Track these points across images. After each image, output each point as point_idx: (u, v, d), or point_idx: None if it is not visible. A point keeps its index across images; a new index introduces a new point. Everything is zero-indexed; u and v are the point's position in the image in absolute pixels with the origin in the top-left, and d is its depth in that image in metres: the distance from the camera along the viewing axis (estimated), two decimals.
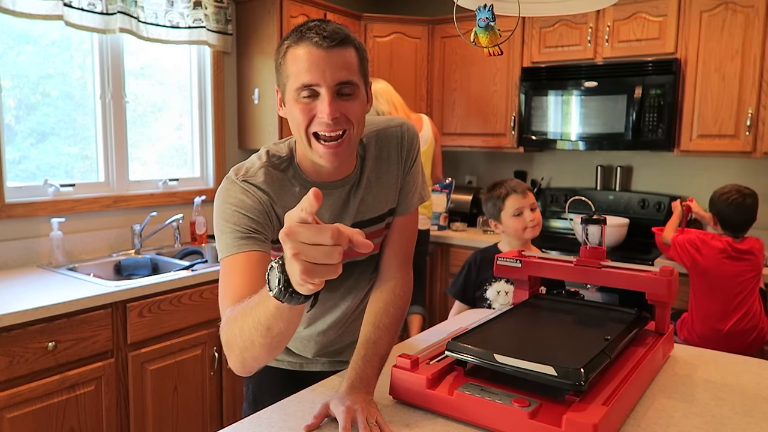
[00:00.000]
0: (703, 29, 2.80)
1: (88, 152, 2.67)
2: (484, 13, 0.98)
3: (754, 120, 2.71)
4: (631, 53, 2.99)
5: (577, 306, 1.42)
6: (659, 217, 3.18)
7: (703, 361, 1.37)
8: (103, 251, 2.65)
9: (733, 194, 2.38)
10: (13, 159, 2.41)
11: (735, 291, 2.35)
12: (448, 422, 1.04)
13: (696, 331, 2.43)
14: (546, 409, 0.98)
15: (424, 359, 1.14)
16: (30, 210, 2.38)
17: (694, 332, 2.44)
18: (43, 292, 2.00)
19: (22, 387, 1.84)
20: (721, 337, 2.35)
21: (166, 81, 2.99)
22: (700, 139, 2.86)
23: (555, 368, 0.97)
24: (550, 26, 3.21)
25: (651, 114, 2.89)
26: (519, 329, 1.27)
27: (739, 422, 1.06)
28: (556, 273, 1.43)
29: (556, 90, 3.17)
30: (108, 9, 2.46)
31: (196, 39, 2.88)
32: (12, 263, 2.36)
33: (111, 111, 2.68)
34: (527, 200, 1.98)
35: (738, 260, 2.36)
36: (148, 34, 2.68)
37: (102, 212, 2.65)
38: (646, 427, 1.04)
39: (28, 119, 2.47)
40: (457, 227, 3.50)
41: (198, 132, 3.12)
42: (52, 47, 2.52)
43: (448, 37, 3.58)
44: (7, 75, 2.37)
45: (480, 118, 3.52)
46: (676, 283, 1.31)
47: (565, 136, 3.17)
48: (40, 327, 1.87)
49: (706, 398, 1.17)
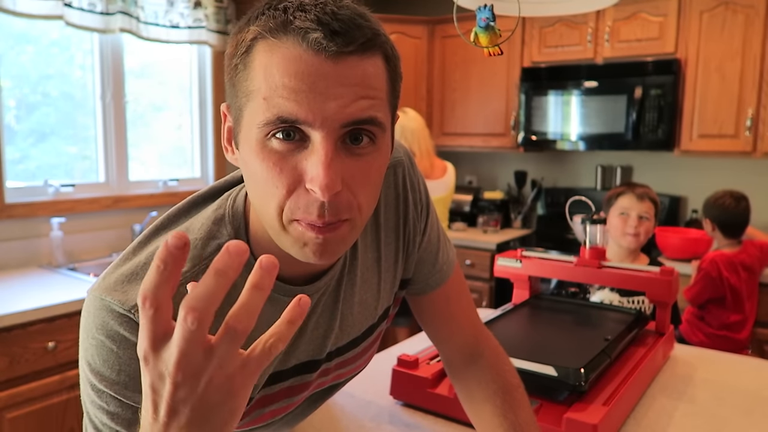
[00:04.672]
0: (703, 29, 2.80)
1: (88, 152, 2.67)
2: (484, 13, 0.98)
3: (754, 120, 2.71)
4: (631, 53, 2.99)
5: (577, 306, 1.43)
6: (659, 218, 3.18)
7: (703, 361, 1.37)
8: (103, 251, 2.65)
9: (727, 200, 2.41)
10: (13, 159, 2.41)
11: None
12: (448, 422, 1.04)
13: None
14: (546, 409, 0.98)
15: (424, 359, 1.14)
16: (30, 210, 2.38)
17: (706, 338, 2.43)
18: (43, 292, 2.00)
19: (22, 387, 1.84)
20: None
21: (166, 81, 2.99)
22: (700, 139, 2.86)
23: (555, 368, 0.97)
24: (550, 26, 3.21)
25: (651, 114, 2.89)
26: (519, 330, 1.27)
27: (739, 422, 1.06)
28: (556, 273, 1.43)
29: (556, 90, 3.16)
30: (108, 9, 2.46)
31: (196, 39, 2.88)
32: (12, 263, 2.36)
33: (111, 111, 2.68)
34: (641, 206, 1.87)
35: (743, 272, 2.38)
36: (148, 34, 2.68)
37: (102, 212, 2.65)
38: (646, 427, 1.04)
39: (28, 119, 2.47)
40: (457, 227, 3.50)
41: (198, 132, 3.12)
42: (52, 47, 2.52)
43: (448, 37, 3.58)
44: (7, 75, 2.37)
45: (480, 118, 3.52)
46: (676, 283, 1.31)
47: (565, 136, 3.17)
48: (40, 327, 1.86)
49: (706, 398, 1.17)
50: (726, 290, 2.32)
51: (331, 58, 0.52)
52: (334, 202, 0.54)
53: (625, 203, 1.88)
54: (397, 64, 0.61)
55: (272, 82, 0.53)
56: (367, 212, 0.59)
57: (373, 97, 0.55)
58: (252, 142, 0.55)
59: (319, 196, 0.53)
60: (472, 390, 0.87)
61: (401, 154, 0.80)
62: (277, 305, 0.64)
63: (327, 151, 0.52)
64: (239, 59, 0.56)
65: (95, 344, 0.57)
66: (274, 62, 0.53)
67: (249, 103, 0.55)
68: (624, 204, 1.88)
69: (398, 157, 0.79)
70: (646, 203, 1.88)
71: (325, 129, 0.53)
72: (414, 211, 0.79)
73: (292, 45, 0.52)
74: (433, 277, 0.85)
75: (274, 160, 0.54)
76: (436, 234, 0.86)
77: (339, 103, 0.53)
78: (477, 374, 0.87)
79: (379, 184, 0.61)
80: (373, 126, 0.55)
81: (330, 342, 0.73)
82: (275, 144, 0.54)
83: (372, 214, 0.73)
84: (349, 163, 0.55)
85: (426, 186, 0.84)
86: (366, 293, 0.76)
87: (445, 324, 0.88)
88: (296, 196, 0.54)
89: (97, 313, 0.58)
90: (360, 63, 0.54)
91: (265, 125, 0.53)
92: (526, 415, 0.83)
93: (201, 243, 0.62)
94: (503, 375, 0.86)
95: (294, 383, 0.73)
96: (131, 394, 0.57)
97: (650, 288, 1.28)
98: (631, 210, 1.86)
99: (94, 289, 0.59)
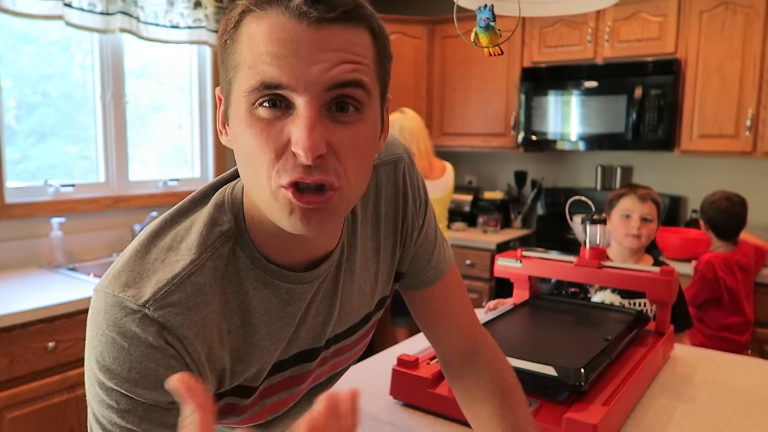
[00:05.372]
0: (703, 29, 2.80)
1: (88, 152, 2.67)
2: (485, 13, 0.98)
3: (754, 120, 2.71)
4: (631, 53, 2.99)
5: (577, 306, 1.43)
6: (661, 218, 3.18)
7: (703, 361, 1.37)
8: (103, 251, 2.65)
9: (722, 202, 2.40)
10: (13, 159, 2.41)
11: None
12: (448, 422, 1.04)
13: None
14: (546, 410, 0.98)
15: (424, 359, 1.14)
16: (30, 210, 2.38)
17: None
18: (43, 292, 2.00)
19: (22, 387, 1.84)
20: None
21: (166, 81, 2.99)
22: (700, 139, 2.86)
23: (555, 368, 0.97)
24: (550, 26, 3.21)
25: (651, 114, 2.89)
26: (519, 330, 1.27)
27: (739, 422, 1.06)
28: (556, 273, 1.43)
29: (556, 90, 3.16)
30: (108, 9, 2.46)
31: (196, 39, 2.88)
32: (12, 263, 2.36)
33: (111, 111, 2.68)
34: (643, 207, 1.85)
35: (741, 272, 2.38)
36: (148, 34, 2.68)
37: (102, 212, 2.65)
38: (646, 427, 1.04)
39: (28, 119, 2.47)
40: (457, 227, 3.50)
41: (198, 132, 3.12)
42: (52, 47, 2.52)
43: (448, 37, 3.58)
44: (7, 75, 2.37)
45: (480, 118, 3.52)
46: (676, 283, 1.31)
47: (565, 136, 3.17)
48: (40, 327, 1.86)
49: (706, 398, 1.17)
50: (722, 291, 2.32)
51: (313, 24, 0.53)
52: (319, 164, 0.54)
53: (627, 205, 1.86)
54: (385, 42, 0.61)
55: (256, 51, 0.54)
56: (355, 184, 0.58)
57: (357, 62, 0.55)
58: (241, 113, 0.56)
59: (303, 159, 0.53)
60: (469, 389, 0.87)
61: (401, 151, 0.80)
62: (278, 291, 0.66)
63: (310, 114, 0.53)
64: (228, 35, 0.57)
65: (105, 341, 0.57)
66: (259, 32, 0.54)
67: (236, 75, 0.56)
68: (626, 206, 1.87)
69: (398, 153, 0.80)
70: (648, 204, 1.87)
71: (309, 93, 0.53)
72: (413, 207, 0.80)
73: (276, 14, 0.54)
74: (427, 273, 0.85)
75: (261, 127, 0.55)
76: (433, 231, 0.86)
77: (322, 67, 0.53)
78: (474, 373, 0.87)
79: (368, 156, 0.60)
80: (358, 89, 0.55)
81: (329, 329, 0.73)
82: (262, 112, 0.55)
83: (373, 204, 0.77)
84: (335, 129, 0.55)
85: (424, 184, 0.85)
86: (364, 282, 0.77)
87: (442, 322, 0.88)
88: (284, 160, 0.55)
89: (108, 310, 0.57)
90: (344, 31, 0.55)
91: (251, 92, 0.54)
92: (525, 416, 0.83)
93: (205, 230, 0.63)
94: (501, 374, 0.86)
95: (294, 372, 0.73)
96: (142, 391, 0.57)
97: (650, 288, 1.28)
98: (633, 212, 1.85)
99: (105, 286, 0.59)
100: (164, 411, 0.59)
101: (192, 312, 0.59)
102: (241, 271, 0.64)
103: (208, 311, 0.61)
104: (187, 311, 0.59)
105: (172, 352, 0.58)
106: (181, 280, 0.59)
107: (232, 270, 0.63)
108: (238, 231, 0.64)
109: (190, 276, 0.59)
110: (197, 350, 0.60)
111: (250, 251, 0.64)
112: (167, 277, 0.59)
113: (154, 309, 0.57)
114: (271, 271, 0.65)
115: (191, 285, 0.59)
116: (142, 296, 0.57)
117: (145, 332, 0.57)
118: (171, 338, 0.58)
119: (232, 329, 0.64)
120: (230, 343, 0.64)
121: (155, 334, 0.57)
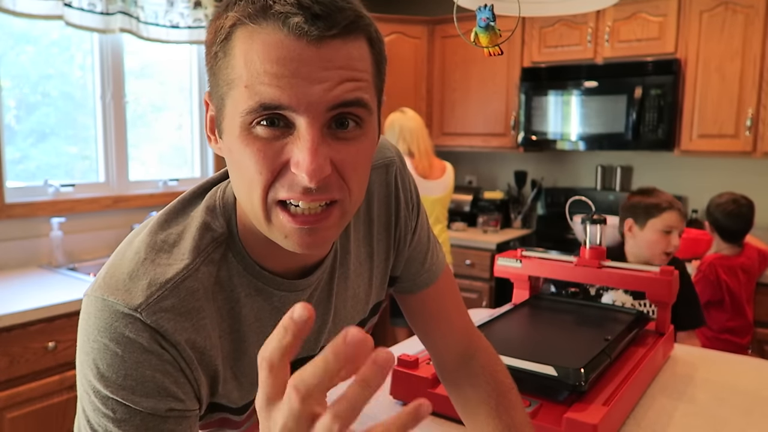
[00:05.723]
0: (703, 29, 2.80)
1: (88, 152, 2.67)
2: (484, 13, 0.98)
3: (754, 120, 2.71)
4: (631, 53, 2.99)
5: (577, 306, 1.43)
6: None
7: (703, 361, 1.37)
8: (103, 251, 2.64)
9: (729, 204, 2.37)
10: (13, 159, 2.41)
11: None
12: (448, 422, 1.04)
13: None
14: (546, 410, 0.98)
15: (424, 359, 1.14)
16: (30, 210, 2.38)
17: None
18: (43, 292, 2.00)
19: (22, 387, 1.84)
20: None
21: (166, 81, 2.99)
22: (700, 139, 2.86)
23: (555, 368, 0.97)
24: (550, 26, 3.21)
25: (651, 114, 2.89)
26: (519, 330, 1.27)
27: (739, 422, 1.06)
28: (556, 273, 1.43)
29: (556, 90, 3.16)
30: (108, 9, 2.46)
31: (196, 39, 2.87)
32: (12, 263, 2.36)
33: (111, 111, 2.68)
34: (682, 224, 1.79)
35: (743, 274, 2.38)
36: (148, 34, 2.68)
37: (102, 212, 2.65)
38: (646, 427, 1.04)
39: (28, 119, 2.47)
40: (457, 227, 3.50)
41: (198, 132, 3.12)
42: (52, 47, 2.52)
43: (448, 37, 3.58)
44: (7, 75, 2.37)
45: (480, 118, 3.52)
46: (676, 283, 1.31)
47: (565, 136, 3.17)
48: (40, 327, 1.86)
49: (706, 398, 1.17)
50: (724, 293, 2.32)
51: (313, 42, 0.51)
52: (322, 185, 0.53)
53: (671, 220, 1.76)
54: (382, 47, 0.59)
55: (253, 70, 0.51)
56: (357, 197, 0.58)
57: (358, 79, 0.53)
58: (236, 130, 0.53)
59: (306, 183, 0.51)
60: (465, 392, 0.86)
61: (393, 154, 0.79)
62: (270, 299, 0.65)
63: (313, 136, 0.51)
64: (219, 47, 0.54)
65: (98, 348, 0.55)
66: (255, 49, 0.51)
67: (231, 92, 0.53)
68: (671, 222, 1.76)
69: (390, 156, 0.79)
70: (683, 221, 1.80)
71: (311, 114, 0.51)
72: (405, 210, 0.79)
73: (272, 30, 0.51)
74: (421, 276, 0.84)
75: (258, 146, 0.53)
76: (426, 234, 0.86)
77: (324, 86, 0.51)
78: (470, 376, 0.86)
79: (367, 169, 0.59)
80: (360, 108, 0.54)
81: (324, 337, 0.73)
82: (260, 131, 0.53)
83: (365, 208, 0.75)
84: (337, 147, 0.54)
85: (416, 186, 0.84)
86: (358, 287, 0.76)
87: (436, 325, 0.87)
88: (282, 178, 0.53)
89: (99, 315, 0.56)
90: (343, 46, 0.52)
91: (248, 113, 0.52)
92: (521, 417, 0.82)
93: (198, 235, 0.61)
94: (496, 376, 0.85)
95: None
96: (139, 399, 0.56)
97: (650, 288, 1.28)
98: (674, 228, 1.77)
99: (93, 290, 0.57)
100: (162, 419, 0.57)
101: (184, 318, 0.58)
102: (233, 277, 0.63)
103: (201, 317, 0.59)
104: (180, 317, 0.57)
105: (167, 357, 0.57)
106: (174, 285, 0.58)
107: (225, 276, 0.62)
108: (230, 237, 0.63)
109: (183, 281, 0.58)
110: (190, 355, 0.58)
111: (242, 258, 0.63)
112: (160, 281, 0.57)
113: (147, 314, 0.55)
114: (263, 278, 0.64)
115: (184, 290, 0.58)
116: (133, 300, 0.56)
117: (139, 337, 0.55)
118: (165, 343, 0.56)
119: (223, 335, 0.63)
120: (222, 350, 0.63)
121: (149, 339, 0.55)
